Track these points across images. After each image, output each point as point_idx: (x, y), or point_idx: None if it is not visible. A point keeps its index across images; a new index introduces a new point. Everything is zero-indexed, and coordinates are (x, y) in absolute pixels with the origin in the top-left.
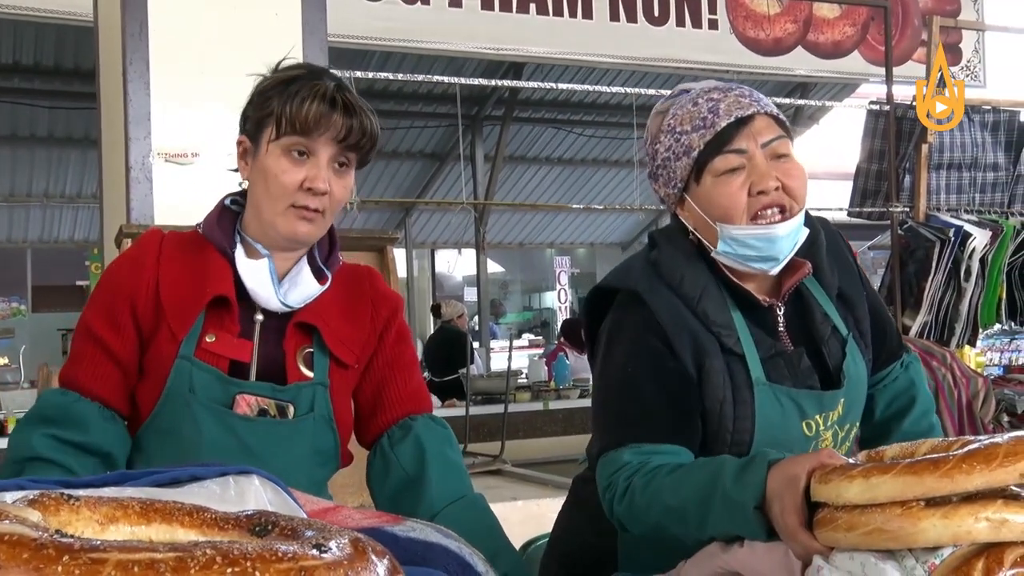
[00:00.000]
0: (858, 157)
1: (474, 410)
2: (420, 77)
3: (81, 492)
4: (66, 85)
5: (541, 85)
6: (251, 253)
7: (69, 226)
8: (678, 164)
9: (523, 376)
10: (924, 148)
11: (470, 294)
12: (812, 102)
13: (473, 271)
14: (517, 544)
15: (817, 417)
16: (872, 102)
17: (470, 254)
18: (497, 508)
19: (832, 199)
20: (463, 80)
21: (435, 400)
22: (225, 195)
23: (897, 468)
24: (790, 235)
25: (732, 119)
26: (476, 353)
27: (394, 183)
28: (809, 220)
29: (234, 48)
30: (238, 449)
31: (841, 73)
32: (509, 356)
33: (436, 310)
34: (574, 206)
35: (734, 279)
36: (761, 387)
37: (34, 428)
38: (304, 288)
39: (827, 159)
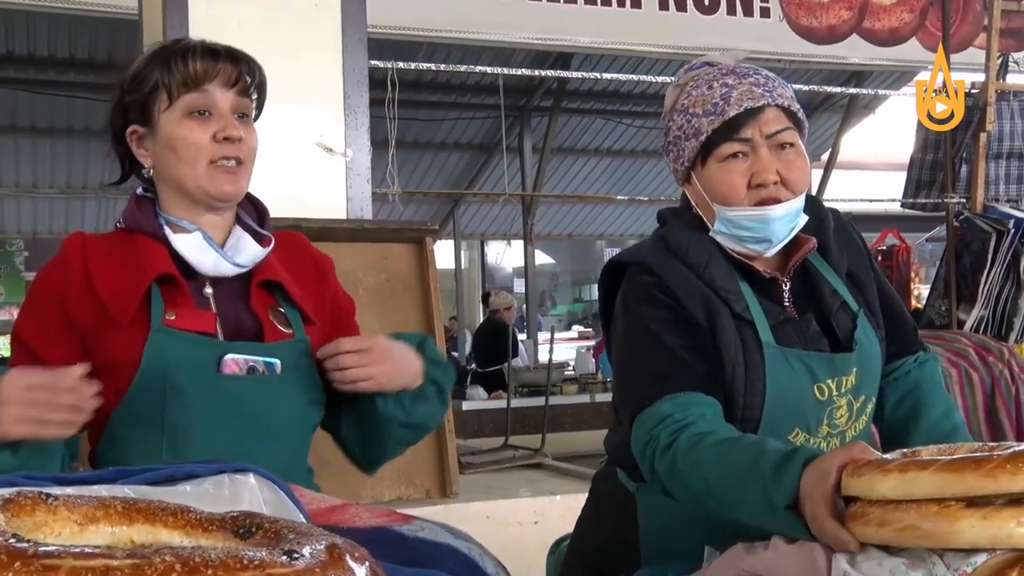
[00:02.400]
0: (912, 147)
1: (518, 403)
2: (463, 68)
3: (63, 491)
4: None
5: (586, 75)
6: (180, 231)
7: None
8: (686, 144)
9: (570, 368)
10: (982, 137)
11: (520, 285)
12: (866, 91)
13: (523, 263)
14: (543, 542)
15: (829, 381)
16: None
17: (520, 246)
18: (534, 503)
19: (887, 190)
20: (506, 71)
21: (481, 392)
22: (134, 188)
23: (936, 464)
24: (785, 218)
25: (741, 109)
26: (523, 345)
27: (443, 174)
28: (815, 204)
29: (274, 40)
30: (228, 411)
31: (898, 61)
32: (550, 348)
33: (486, 298)
34: (618, 198)
35: (735, 255)
36: (771, 350)
37: None
38: (250, 250)
39: (884, 149)
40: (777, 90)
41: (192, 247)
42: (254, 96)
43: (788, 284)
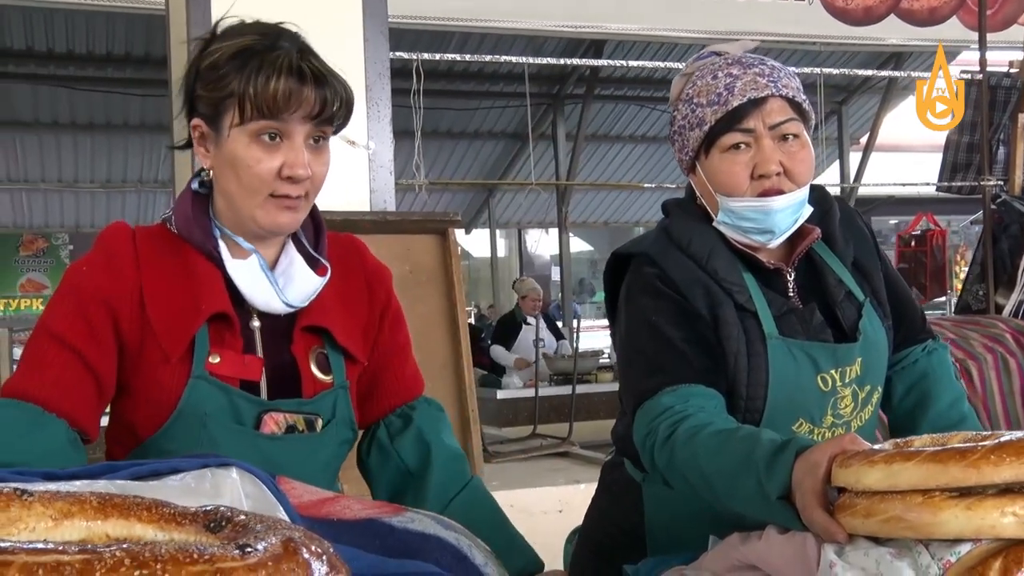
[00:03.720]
0: (947, 129)
1: (553, 391)
2: (487, 58)
3: (42, 487)
4: (157, 73)
5: (611, 62)
6: (234, 250)
7: (163, 210)
8: (691, 134)
9: (605, 356)
10: (1021, 118)
11: (557, 273)
12: (900, 73)
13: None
14: (566, 531)
15: (832, 372)
16: (964, 71)
17: (556, 233)
18: (559, 491)
19: (930, 172)
20: (532, 60)
21: (516, 380)
22: (192, 177)
23: (921, 455)
24: (788, 209)
25: (745, 99)
26: (550, 333)
27: (478, 162)
28: (822, 194)
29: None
30: (264, 467)
31: (938, 41)
32: (576, 336)
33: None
34: (645, 185)
35: (738, 245)
36: (774, 341)
37: None
38: (302, 283)
39: (926, 130)
40: (782, 80)
41: (247, 278)
42: (340, 120)
43: (793, 274)
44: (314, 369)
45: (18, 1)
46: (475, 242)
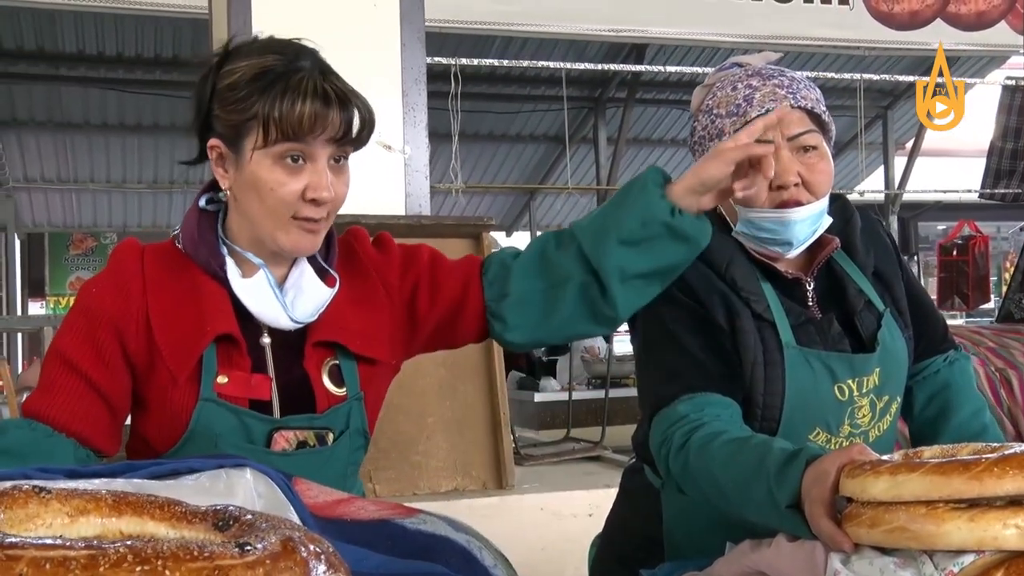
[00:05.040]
0: (991, 135)
1: (589, 394)
2: (525, 63)
3: (60, 484)
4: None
5: (650, 68)
6: (243, 266)
7: None
8: (710, 145)
9: None
10: None
11: None
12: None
13: None
14: (595, 534)
15: (850, 382)
16: (1008, 77)
17: None
18: (589, 495)
19: (972, 178)
20: (567, 65)
21: (553, 383)
22: (198, 194)
23: (925, 467)
24: (806, 220)
25: (763, 111)
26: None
27: (519, 166)
28: (843, 204)
29: (333, 39)
30: None
31: (986, 46)
32: (610, 339)
33: None
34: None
35: (756, 255)
36: (791, 350)
37: None
38: (311, 296)
39: (974, 136)
40: (801, 92)
41: (255, 297)
42: (363, 141)
43: (812, 284)
44: (327, 383)
45: (70, 6)
46: (517, 244)
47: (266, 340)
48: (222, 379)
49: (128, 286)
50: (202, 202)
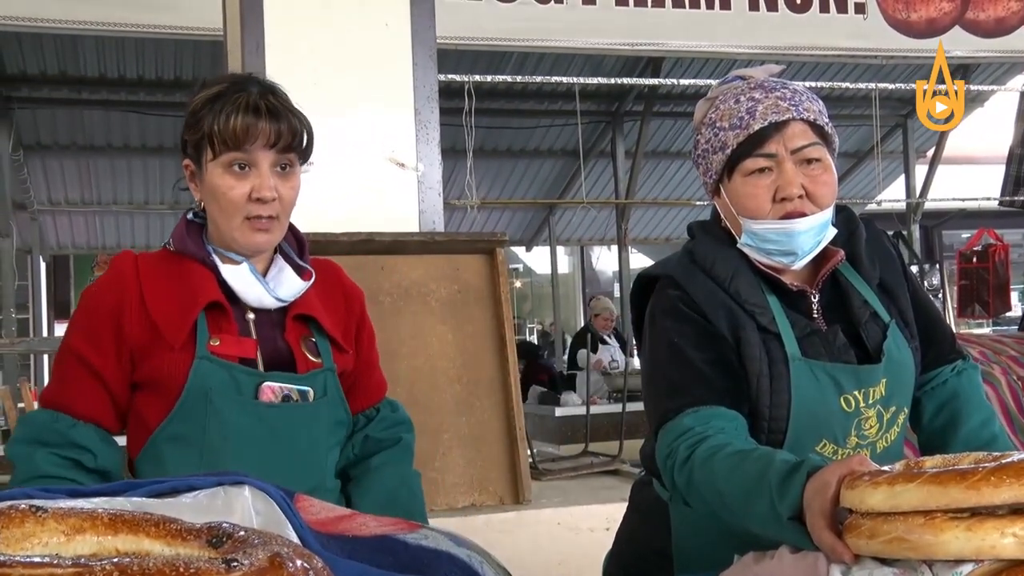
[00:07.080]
0: (1010, 141)
1: (608, 408)
2: (538, 79)
3: (57, 504)
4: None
5: (666, 81)
6: (227, 261)
7: None
8: (714, 158)
9: None
10: None
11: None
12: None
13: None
14: (606, 549)
15: (856, 393)
16: None
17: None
18: (606, 509)
19: (994, 186)
20: (583, 80)
21: (575, 398)
22: (186, 210)
23: (923, 477)
24: (810, 232)
25: (766, 123)
26: (611, 351)
27: (537, 181)
28: (848, 216)
29: (347, 59)
30: (266, 435)
31: (1005, 52)
32: (626, 352)
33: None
34: (697, 203)
35: (761, 267)
36: (797, 362)
37: (34, 450)
38: (290, 284)
39: (996, 143)
40: (804, 104)
41: (239, 279)
42: (299, 149)
43: (817, 296)
44: (306, 353)
45: (92, 30)
46: (538, 259)
47: (251, 316)
48: (214, 341)
49: (124, 279)
50: (190, 216)
